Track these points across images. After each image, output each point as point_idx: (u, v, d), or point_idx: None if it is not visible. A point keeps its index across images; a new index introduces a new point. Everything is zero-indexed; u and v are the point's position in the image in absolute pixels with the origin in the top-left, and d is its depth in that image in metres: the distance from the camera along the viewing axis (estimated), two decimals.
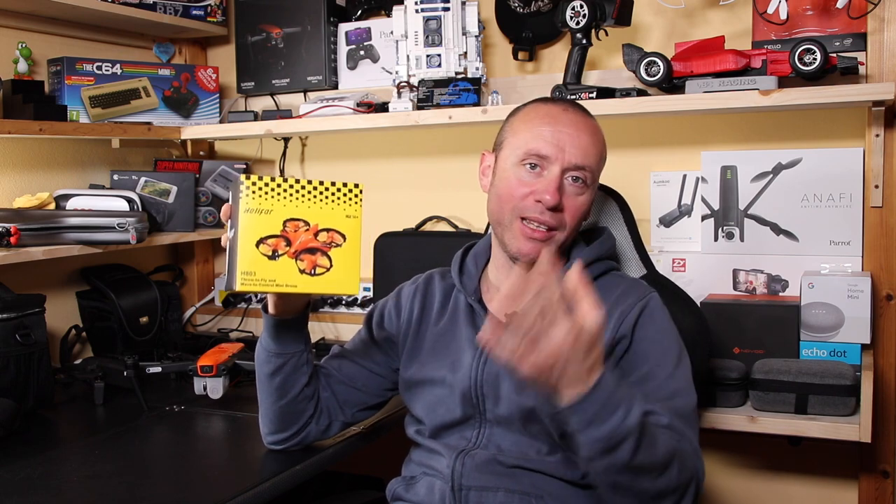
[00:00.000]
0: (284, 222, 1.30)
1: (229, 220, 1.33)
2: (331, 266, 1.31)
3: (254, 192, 1.29)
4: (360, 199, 1.34)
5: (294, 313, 1.45)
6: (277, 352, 1.45)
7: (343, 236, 1.32)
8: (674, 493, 1.18)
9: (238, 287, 1.28)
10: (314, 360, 1.52)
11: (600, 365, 1.07)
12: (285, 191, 1.30)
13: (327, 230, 1.32)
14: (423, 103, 2.05)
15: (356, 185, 1.34)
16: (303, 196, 1.31)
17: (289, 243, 1.30)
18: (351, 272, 1.32)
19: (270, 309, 1.44)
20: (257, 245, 1.28)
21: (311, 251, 1.31)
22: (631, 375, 1.30)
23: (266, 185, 1.29)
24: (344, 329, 2.46)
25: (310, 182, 1.32)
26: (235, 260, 1.28)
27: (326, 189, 1.32)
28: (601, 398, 1.07)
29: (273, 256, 1.29)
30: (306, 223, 1.31)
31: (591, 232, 1.55)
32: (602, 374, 1.07)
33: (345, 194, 1.33)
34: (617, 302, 1.37)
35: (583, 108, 1.43)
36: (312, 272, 1.31)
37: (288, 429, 1.50)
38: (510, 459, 1.35)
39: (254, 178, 1.29)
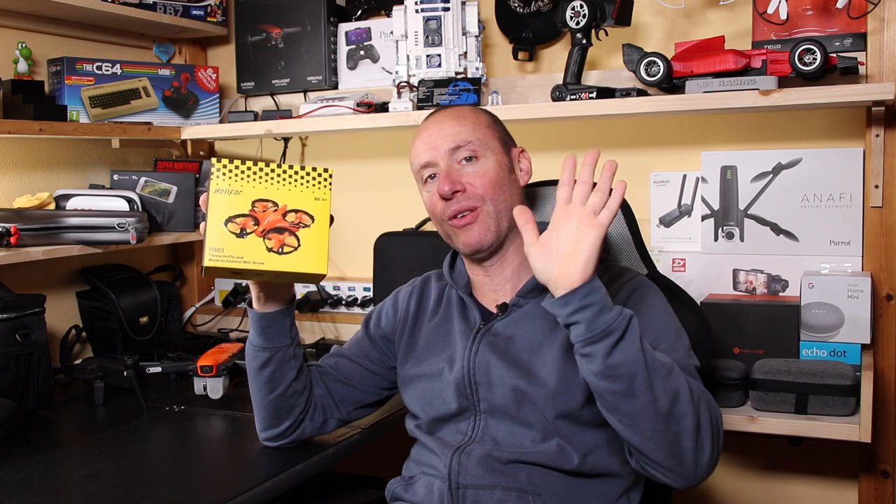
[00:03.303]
0: (253, 203, 1.33)
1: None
2: (298, 245, 1.34)
3: (224, 174, 1.32)
4: (330, 183, 1.36)
5: (278, 307, 1.48)
6: (263, 346, 1.48)
7: (312, 217, 1.35)
8: (690, 413, 1.19)
9: (207, 263, 1.31)
10: (311, 360, 1.53)
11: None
12: (255, 173, 1.34)
13: (296, 211, 1.34)
14: (423, 103, 2.05)
15: (325, 170, 1.36)
16: (272, 178, 1.34)
17: (257, 223, 1.33)
18: (319, 252, 1.34)
19: (254, 304, 1.48)
20: (226, 224, 1.32)
21: (279, 231, 1.33)
22: None
23: (237, 167, 1.33)
24: (344, 329, 2.46)
25: (279, 166, 1.35)
26: (205, 239, 1.31)
27: (296, 173, 1.35)
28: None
29: (241, 234, 1.32)
30: (275, 204, 1.34)
31: None
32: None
33: (314, 178, 1.36)
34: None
35: (453, 105, 1.44)
36: (280, 251, 1.33)
37: (280, 424, 1.52)
38: (506, 454, 1.35)
39: (224, 160, 1.32)
